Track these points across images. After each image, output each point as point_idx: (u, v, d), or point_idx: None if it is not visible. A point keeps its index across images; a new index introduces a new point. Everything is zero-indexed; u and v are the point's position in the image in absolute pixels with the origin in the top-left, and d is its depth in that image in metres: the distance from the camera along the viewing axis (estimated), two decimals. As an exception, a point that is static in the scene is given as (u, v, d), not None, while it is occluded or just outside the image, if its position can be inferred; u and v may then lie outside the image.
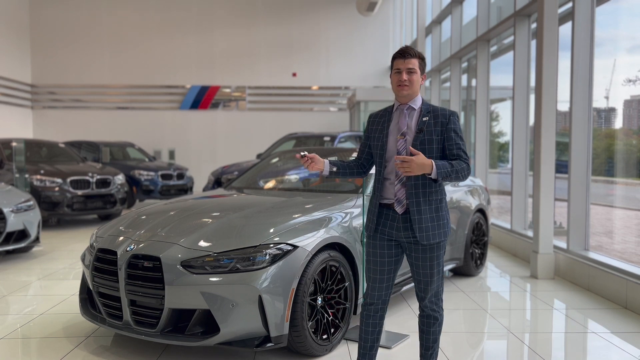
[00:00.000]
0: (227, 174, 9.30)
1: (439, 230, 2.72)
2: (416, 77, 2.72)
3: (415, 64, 2.72)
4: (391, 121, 2.79)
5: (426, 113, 2.73)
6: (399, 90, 2.73)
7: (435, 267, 2.75)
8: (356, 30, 17.82)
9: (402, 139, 2.73)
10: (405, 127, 2.73)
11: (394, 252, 2.81)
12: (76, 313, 4.22)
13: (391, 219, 2.76)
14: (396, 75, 2.74)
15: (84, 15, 17.41)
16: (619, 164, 6.10)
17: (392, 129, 2.77)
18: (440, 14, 11.77)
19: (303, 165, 2.85)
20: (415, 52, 2.74)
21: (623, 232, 6.65)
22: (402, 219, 2.74)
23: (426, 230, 2.69)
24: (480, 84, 8.65)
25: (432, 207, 2.71)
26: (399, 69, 2.72)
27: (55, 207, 8.85)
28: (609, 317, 4.37)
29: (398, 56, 2.74)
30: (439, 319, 2.84)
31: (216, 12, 17.55)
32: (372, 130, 2.86)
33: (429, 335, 2.86)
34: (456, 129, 2.72)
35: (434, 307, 2.82)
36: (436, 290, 2.81)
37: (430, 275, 2.76)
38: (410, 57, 2.71)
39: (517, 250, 6.86)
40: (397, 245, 2.80)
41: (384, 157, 2.77)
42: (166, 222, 3.62)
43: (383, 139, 2.77)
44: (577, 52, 5.52)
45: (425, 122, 2.71)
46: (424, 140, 2.69)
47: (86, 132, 16.72)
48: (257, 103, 17.86)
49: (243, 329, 3.10)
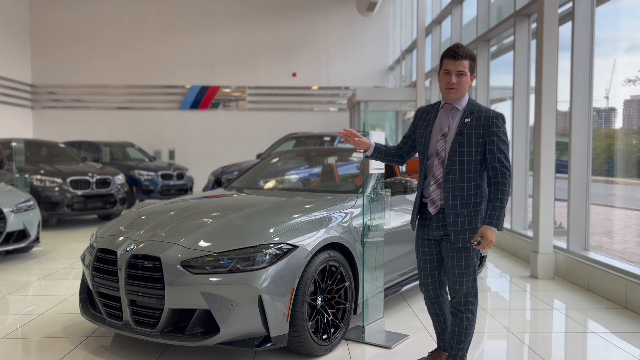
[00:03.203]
0: (227, 174, 9.29)
1: (473, 234, 2.67)
2: (465, 79, 2.63)
3: (465, 65, 2.61)
4: (436, 119, 2.75)
5: (469, 114, 2.64)
6: (447, 92, 2.65)
7: (465, 268, 2.74)
8: (356, 30, 17.81)
9: (442, 140, 2.68)
10: (446, 128, 2.68)
11: (434, 250, 2.84)
12: (76, 313, 4.22)
13: (427, 218, 2.79)
14: (445, 76, 2.64)
15: (84, 15, 17.41)
16: (619, 164, 6.10)
17: (435, 127, 2.73)
18: (440, 14, 11.77)
19: (348, 140, 2.84)
20: (467, 52, 2.62)
21: (623, 232, 6.65)
22: (436, 218, 2.74)
23: (462, 232, 2.67)
24: (480, 84, 8.65)
25: (471, 209, 2.67)
26: (448, 71, 2.62)
27: (55, 207, 8.85)
28: (609, 317, 4.37)
29: (448, 56, 2.63)
30: (464, 321, 2.83)
31: (216, 12, 17.54)
32: (419, 125, 2.83)
33: (454, 335, 2.89)
34: (499, 132, 2.60)
35: (462, 307, 2.82)
36: (466, 292, 2.79)
37: (460, 275, 2.76)
38: (462, 59, 2.60)
39: (517, 250, 6.86)
40: (436, 243, 2.83)
41: (426, 154, 2.75)
42: (166, 222, 3.62)
43: (427, 136, 2.75)
44: (577, 52, 5.52)
45: (466, 124, 2.63)
46: (462, 143, 2.62)
47: (86, 132, 16.72)
48: (257, 103, 17.86)
49: (243, 329, 3.10)
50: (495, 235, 2.59)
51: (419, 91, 11.93)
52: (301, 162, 5.71)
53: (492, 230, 2.57)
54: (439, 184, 2.70)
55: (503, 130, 2.62)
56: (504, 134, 2.62)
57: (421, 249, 2.88)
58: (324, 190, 4.61)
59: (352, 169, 5.16)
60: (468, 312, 2.83)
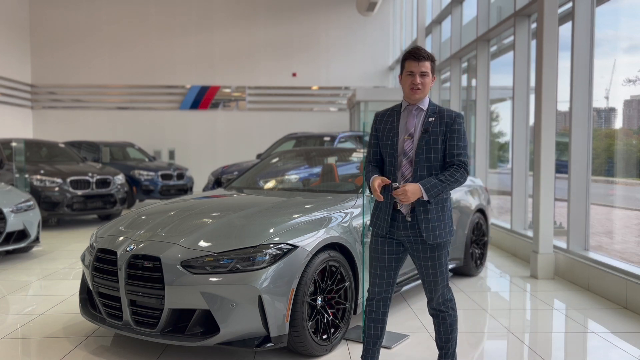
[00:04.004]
0: (227, 174, 9.29)
1: (444, 230, 2.76)
2: (428, 80, 2.73)
3: (428, 66, 2.71)
4: (400, 121, 2.80)
5: (432, 114, 2.74)
6: (412, 93, 2.72)
7: (439, 267, 2.79)
8: (356, 30, 17.81)
9: (409, 140, 2.74)
10: (413, 128, 2.74)
11: (394, 250, 2.84)
12: (76, 313, 4.22)
13: (395, 219, 2.80)
14: (409, 77, 2.72)
15: (84, 15, 17.41)
16: (619, 164, 6.10)
17: (402, 129, 2.78)
18: (440, 14, 11.76)
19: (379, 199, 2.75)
20: (428, 54, 2.73)
21: (623, 232, 6.65)
22: (404, 218, 2.76)
23: (433, 229, 2.73)
24: (480, 84, 8.65)
25: (438, 206, 2.74)
26: (412, 72, 2.70)
27: (55, 207, 8.85)
28: (609, 317, 4.37)
29: (411, 58, 2.71)
30: (447, 319, 2.88)
31: (216, 12, 17.54)
32: (381, 129, 2.85)
33: (440, 335, 2.93)
34: (460, 130, 2.72)
35: (442, 307, 2.87)
36: (442, 290, 2.84)
37: (434, 275, 2.81)
38: (424, 60, 2.70)
39: (517, 250, 6.86)
40: (398, 243, 2.84)
41: (394, 156, 2.78)
42: (166, 222, 3.62)
43: (394, 138, 2.78)
44: (577, 52, 5.52)
45: (431, 123, 2.72)
46: (429, 141, 2.71)
47: (86, 132, 16.72)
48: (257, 103, 17.86)
49: (243, 329, 3.10)
50: (416, 197, 2.62)
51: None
52: (301, 162, 5.71)
53: (418, 189, 2.61)
54: None
55: (463, 129, 2.75)
56: (464, 132, 2.75)
57: (381, 247, 2.83)
58: (324, 190, 4.61)
59: (352, 169, 5.16)
60: (449, 309, 2.88)
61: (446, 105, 11.07)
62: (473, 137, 9.12)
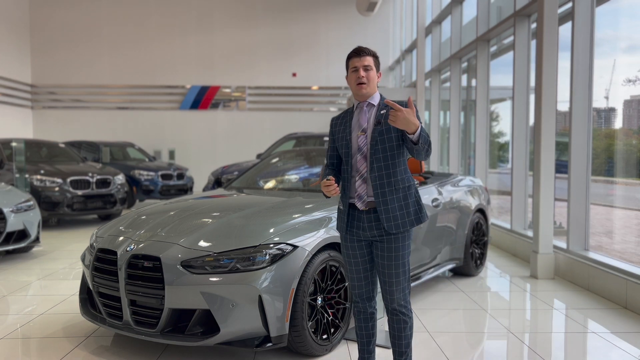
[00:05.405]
0: (227, 174, 9.30)
1: (408, 218, 2.70)
2: (373, 74, 2.76)
3: (370, 61, 2.76)
4: (352, 120, 2.81)
5: (384, 107, 2.74)
6: (358, 89, 2.75)
7: (401, 259, 2.72)
8: (356, 31, 17.81)
9: (363, 135, 2.74)
10: (365, 124, 2.75)
11: (366, 252, 2.80)
12: (76, 313, 4.22)
13: (357, 219, 2.76)
14: (354, 73, 2.76)
15: (84, 15, 17.41)
16: (619, 164, 6.10)
17: (354, 126, 2.79)
18: (440, 14, 11.76)
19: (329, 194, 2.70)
20: (369, 50, 2.79)
21: (623, 232, 6.65)
22: (367, 218, 2.73)
23: (394, 219, 2.68)
24: (480, 84, 8.65)
25: (400, 195, 2.70)
26: (356, 67, 2.75)
27: (55, 207, 8.85)
28: (609, 317, 4.37)
29: (353, 55, 2.78)
30: (408, 322, 2.79)
31: (216, 12, 17.55)
32: (337, 131, 2.87)
33: (401, 340, 2.81)
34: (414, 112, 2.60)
35: (403, 309, 2.77)
36: (403, 290, 2.76)
37: (396, 274, 2.72)
38: (366, 55, 2.76)
39: (517, 250, 6.87)
40: (368, 244, 2.80)
41: (349, 154, 2.77)
42: (166, 222, 3.62)
43: (347, 137, 2.78)
44: (577, 52, 5.52)
45: (383, 115, 2.72)
46: (382, 131, 2.69)
47: (86, 132, 16.72)
48: (257, 103, 17.86)
49: (243, 329, 3.10)
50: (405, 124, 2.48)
51: (419, 91, 11.94)
52: (301, 162, 5.71)
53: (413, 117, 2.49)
54: (364, 179, 2.72)
55: (416, 112, 2.62)
56: (418, 114, 2.62)
57: (352, 252, 2.81)
58: (324, 190, 4.60)
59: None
60: (409, 311, 2.79)
61: (446, 105, 11.08)
62: (473, 137, 9.12)
